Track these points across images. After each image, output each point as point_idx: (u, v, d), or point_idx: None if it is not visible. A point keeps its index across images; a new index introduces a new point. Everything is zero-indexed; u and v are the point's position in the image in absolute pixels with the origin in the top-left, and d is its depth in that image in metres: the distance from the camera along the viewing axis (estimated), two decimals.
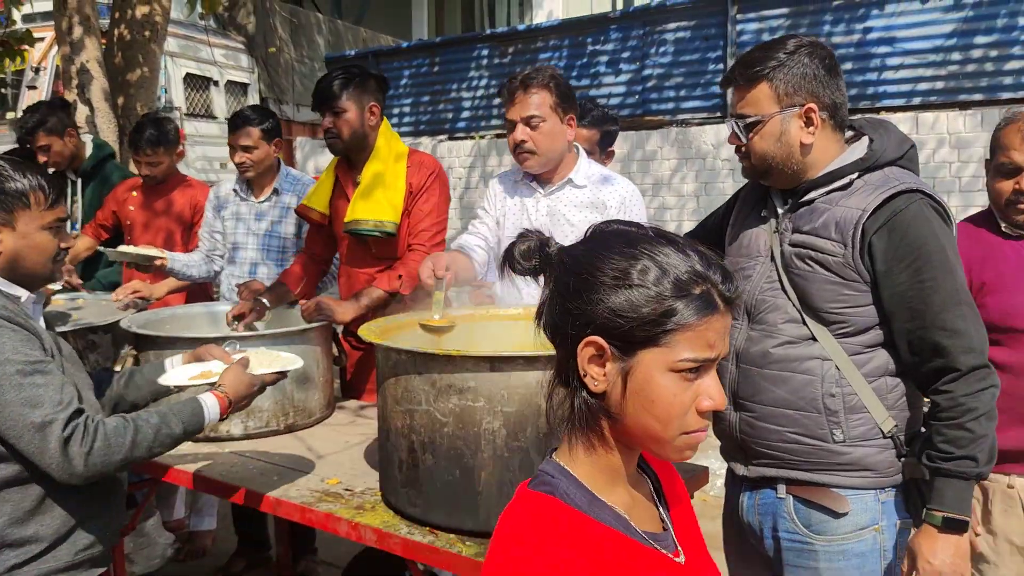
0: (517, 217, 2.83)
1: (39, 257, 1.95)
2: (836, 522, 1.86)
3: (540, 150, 2.68)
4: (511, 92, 2.70)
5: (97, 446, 1.79)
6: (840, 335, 1.84)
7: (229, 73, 9.93)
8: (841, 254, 1.81)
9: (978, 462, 1.74)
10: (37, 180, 1.93)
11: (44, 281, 2.02)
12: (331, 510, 2.14)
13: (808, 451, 1.86)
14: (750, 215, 2.05)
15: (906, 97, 6.76)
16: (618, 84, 8.18)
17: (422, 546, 1.93)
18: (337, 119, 3.08)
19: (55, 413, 1.76)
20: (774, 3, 7.34)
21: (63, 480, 1.79)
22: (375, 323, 2.31)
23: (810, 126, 1.86)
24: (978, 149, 6.13)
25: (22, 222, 1.91)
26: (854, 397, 1.83)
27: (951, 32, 6.58)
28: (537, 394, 1.85)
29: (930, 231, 1.77)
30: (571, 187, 2.78)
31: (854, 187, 1.85)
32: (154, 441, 1.90)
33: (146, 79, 5.96)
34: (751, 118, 1.88)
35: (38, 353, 1.83)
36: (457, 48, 9.44)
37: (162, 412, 1.96)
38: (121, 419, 1.88)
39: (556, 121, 2.68)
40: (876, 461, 1.84)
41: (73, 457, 1.76)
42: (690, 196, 7.44)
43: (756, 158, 1.91)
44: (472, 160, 8.62)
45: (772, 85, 1.85)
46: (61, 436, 1.75)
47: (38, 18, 7.83)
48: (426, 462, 1.95)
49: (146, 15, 5.84)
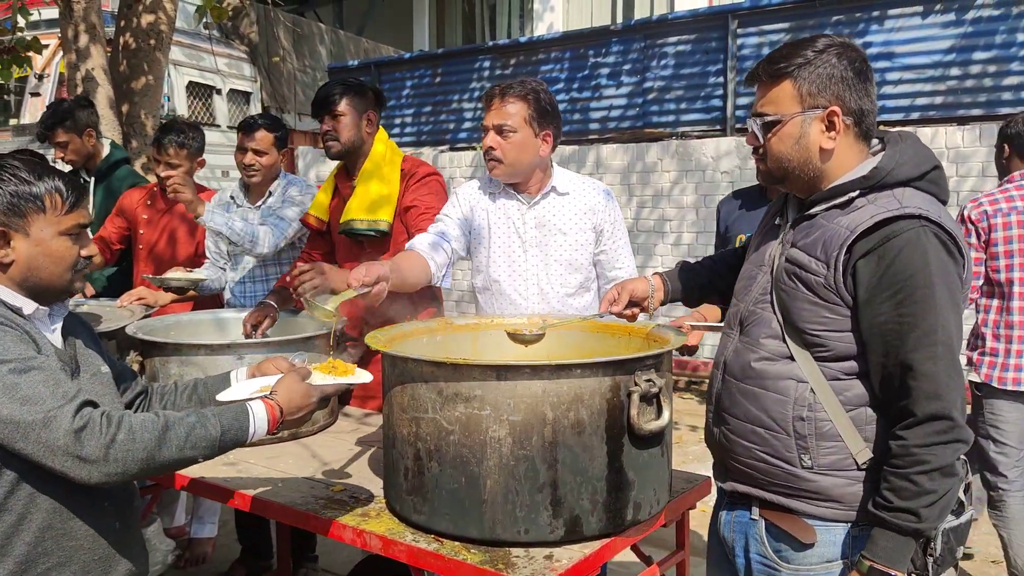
0: (503, 228, 2.84)
1: (55, 267, 1.79)
2: (803, 553, 1.79)
3: (506, 159, 2.71)
4: (489, 99, 2.74)
5: (120, 437, 1.61)
6: (820, 359, 1.75)
7: (232, 82, 9.97)
8: (823, 275, 1.72)
9: (919, 517, 1.63)
10: (53, 182, 1.79)
11: (61, 293, 1.85)
12: (336, 517, 2.15)
13: (777, 473, 1.80)
14: (768, 223, 1.98)
15: (905, 112, 6.80)
16: (619, 96, 8.22)
17: (427, 554, 1.94)
18: (335, 122, 3.18)
19: (59, 406, 1.60)
20: (774, 18, 7.39)
21: (81, 477, 1.60)
22: (381, 331, 2.33)
23: (831, 130, 1.74)
24: (977, 163, 6.17)
25: (36, 228, 1.77)
26: (827, 424, 1.73)
27: (950, 47, 6.63)
28: (543, 403, 1.87)
29: (922, 262, 1.63)
30: (555, 195, 2.81)
31: (854, 205, 1.73)
32: (186, 441, 1.69)
33: (150, 87, 5.99)
34: (770, 117, 1.78)
35: (33, 351, 1.68)
36: (459, 59, 9.49)
37: (201, 412, 1.76)
38: (151, 414, 1.71)
39: (529, 134, 2.71)
40: (844, 493, 1.75)
41: (88, 447, 1.59)
42: (689, 208, 7.46)
43: (772, 160, 1.81)
44: (473, 170, 8.65)
45: (795, 83, 1.74)
46: (70, 427, 1.58)
47: (43, 25, 7.87)
48: (432, 470, 1.96)
49: (151, 24, 5.87)
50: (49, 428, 1.58)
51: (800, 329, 1.76)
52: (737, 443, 1.87)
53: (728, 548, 1.99)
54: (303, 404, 1.87)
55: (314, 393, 1.89)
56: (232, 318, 3.34)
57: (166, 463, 1.68)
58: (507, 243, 2.83)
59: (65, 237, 1.80)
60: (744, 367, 1.85)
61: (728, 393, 1.89)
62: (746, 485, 1.88)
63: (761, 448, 1.82)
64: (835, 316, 1.72)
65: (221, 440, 1.75)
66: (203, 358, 2.72)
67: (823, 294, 1.73)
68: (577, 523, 1.92)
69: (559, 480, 1.89)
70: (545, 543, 1.92)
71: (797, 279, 1.76)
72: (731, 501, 1.97)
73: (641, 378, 1.93)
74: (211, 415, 1.75)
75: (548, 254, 2.78)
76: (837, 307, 1.72)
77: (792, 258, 1.79)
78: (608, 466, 1.93)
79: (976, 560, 4.00)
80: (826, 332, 1.73)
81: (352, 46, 12.81)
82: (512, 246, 2.83)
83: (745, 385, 1.84)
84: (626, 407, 1.93)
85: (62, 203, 1.80)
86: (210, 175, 8.80)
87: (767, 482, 1.83)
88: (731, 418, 1.88)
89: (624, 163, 7.76)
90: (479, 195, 2.90)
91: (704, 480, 2.43)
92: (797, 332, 1.77)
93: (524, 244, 2.81)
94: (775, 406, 1.78)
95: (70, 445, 1.58)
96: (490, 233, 2.85)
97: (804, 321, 1.75)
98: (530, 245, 2.81)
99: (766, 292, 1.85)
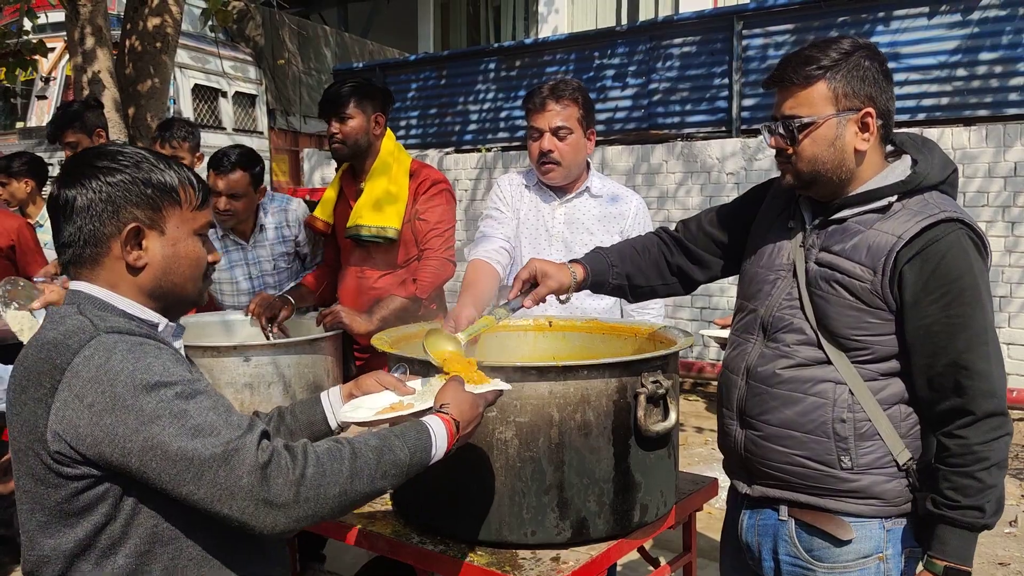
0: (533, 222, 2.85)
1: (191, 270, 1.50)
2: (838, 549, 1.81)
3: (565, 162, 2.72)
4: (542, 100, 2.71)
5: (310, 472, 1.32)
6: (857, 361, 1.77)
7: (237, 84, 9.99)
8: (870, 281, 1.72)
9: (985, 513, 1.67)
10: (185, 173, 1.50)
11: (190, 305, 1.56)
12: (342, 518, 2.14)
13: (814, 475, 1.80)
14: (775, 224, 1.95)
15: (911, 112, 6.78)
16: (624, 98, 8.21)
17: (434, 555, 1.94)
18: (343, 125, 3.14)
19: (240, 437, 1.30)
20: (780, 19, 7.37)
21: (266, 527, 1.30)
22: (387, 333, 2.33)
23: (866, 132, 1.74)
24: (983, 164, 6.15)
25: (172, 224, 1.47)
26: (866, 424, 1.76)
27: (956, 48, 6.61)
28: (549, 404, 1.87)
29: (966, 264, 1.68)
30: (588, 196, 2.82)
31: (892, 211, 1.74)
32: (376, 469, 1.40)
33: (156, 90, 6.00)
34: (804, 119, 1.74)
35: (191, 372, 1.39)
36: (464, 61, 9.49)
37: (381, 434, 1.48)
38: (332, 441, 1.42)
39: (580, 134, 2.73)
40: (884, 490, 1.78)
41: (276, 486, 1.29)
42: (695, 209, 7.45)
43: (805, 163, 1.77)
44: (478, 172, 8.65)
45: (830, 85, 1.72)
46: (256, 462, 1.28)
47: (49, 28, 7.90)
48: (438, 471, 1.96)
49: (157, 26, 5.89)
50: (230, 464, 1.28)
51: (838, 333, 1.77)
52: (769, 448, 1.86)
53: (751, 552, 1.97)
54: (473, 416, 1.61)
55: (480, 403, 1.64)
56: (239, 320, 3.35)
57: (358, 498, 1.40)
58: (534, 236, 2.84)
59: (198, 238, 1.53)
60: (774, 373, 1.84)
61: (756, 399, 1.88)
62: (777, 489, 1.87)
63: (798, 452, 1.82)
64: (877, 320, 1.75)
65: (409, 464, 1.47)
66: (210, 360, 2.72)
67: (868, 299, 1.74)
68: (584, 525, 1.92)
69: (566, 482, 1.89)
70: (552, 545, 1.92)
71: (839, 285, 1.76)
72: (753, 504, 1.95)
73: (648, 379, 1.93)
74: (394, 436, 1.48)
75: (572, 251, 2.77)
76: (881, 312, 1.74)
77: (830, 263, 1.78)
78: (615, 468, 1.92)
79: (982, 561, 3.99)
80: (867, 336, 1.76)
81: (357, 48, 12.83)
82: (539, 239, 2.83)
83: (777, 390, 1.83)
84: (633, 409, 1.92)
85: (195, 196, 1.51)
86: None
87: (801, 484, 1.83)
88: (762, 424, 1.87)
89: (629, 164, 7.76)
90: (519, 188, 2.90)
91: (711, 482, 2.43)
92: (834, 336, 1.78)
93: (550, 238, 2.82)
94: (814, 410, 1.79)
95: (255, 486, 1.28)
96: (520, 226, 2.85)
97: (845, 326, 1.76)
98: (556, 240, 2.81)
99: (793, 297, 1.84)
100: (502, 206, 2.89)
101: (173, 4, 5.94)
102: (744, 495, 1.97)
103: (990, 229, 6.11)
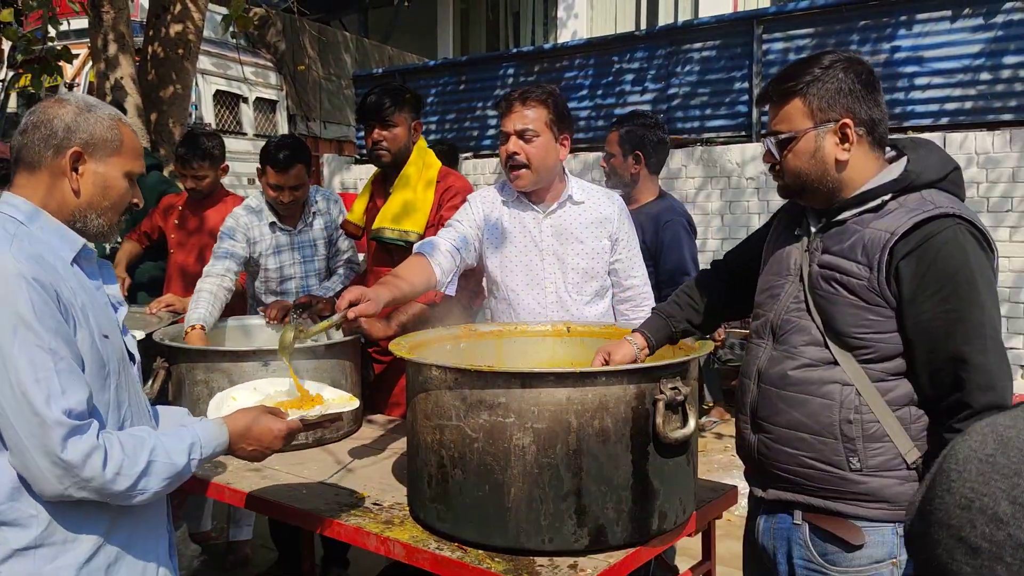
0: (520, 238, 2.80)
1: None
2: (852, 554, 1.80)
3: (533, 165, 2.67)
4: (508, 104, 2.70)
5: None
6: (864, 361, 1.77)
7: (258, 90, 10.06)
8: (866, 278, 1.75)
9: None
10: None
11: None
12: (360, 524, 2.15)
13: (823, 477, 1.81)
14: (784, 233, 2.01)
15: (934, 116, 6.71)
16: (643, 103, 8.18)
17: (451, 562, 1.93)
18: (388, 133, 3.18)
19: None
20: (800, 23, 7.33)
21: None
22: (405, 338, 2.33)
23: (845, 142, 1.80)
24: (1007, 168, 6.08)
25: None
26: (874, 425, 1.76)
27: (980, 51, 6.54)
28: (567, 411, 1.86)
29: (963, 259, 1.69)
30: (571, 204, 2.79)
31: (887, 209, 1.78)
32: None
33: (179, 96, 6.06)
34: (784, 135, 1.83)
35: None
36: (483, 67, 9.51)
37: None
38: None
39: (550, 138, 2.69)
40: (895, 493, 1.77)
41: None
42: (715, 214, 7.42)
43: (790, 176, 1.86)
44: (497, 177, 8.66)
45: (805, 100, 1.80)
46: None
47: (72, 35, 7.99)
48: (456, 477, 1.96)
49: (179, 33, 5.94)
50: None
51: (843, 333, 1.79)
52: (780, 451, 1.87)
53: (767, 556, 1.98)
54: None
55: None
56: (258, 325, 3.36)
57: None
58: (524, 252, 2.80)
59: None
60: (783, 375, 1.86)
61: (767, 402, 1.89)
62: (790, 492, 1.88)
63: (807, 454, 1.82)
64: (879, 318, 1.76)
65: None
66: (229, 364, 2.73)
67: (867, 296, 1.76)
68: (602, 532, 1.91)
69: (584, 489, 1.88)
70: (570, 552, 1.91)
71: (838, 284, 1.79)
72: (769, 508, 1.96)
73: (666, 386, 1.92)
74: None
75: (565, 262, 2.76)
76: (880, 308, 1.75)
77: (829, 264, 1.82)
78: (633, 475, 1.91)
79: None
80: (870, 334, 1.77)
81: (377, 54, 12.88)
82: (529, 255, 2.80)
83: (786, 393, 1.85)
84: (651, 415, 1.91)
85: None
86: (236, 182, 8.88)
87: (813, 487, 1.84)
88: (772, 426, 1.88)
89: None
90: (493, 204, 2.85)
91: (731, 489, 2.41)
92: (839, 336, 1.79)
93: (541, 253, 2.79)
94: (821, 411, 1.80)
95: None
96: (505, 242, 2.83)
97: (848, 325, 1.78)
98: (547, 254, 2.78)
99: (799, 300, 1.87)
100: (463, 217, 2.83)
101: (195, 11, 5.99)
102: (760, 499, 1.98)
103: (1015, 235, 6.04)
